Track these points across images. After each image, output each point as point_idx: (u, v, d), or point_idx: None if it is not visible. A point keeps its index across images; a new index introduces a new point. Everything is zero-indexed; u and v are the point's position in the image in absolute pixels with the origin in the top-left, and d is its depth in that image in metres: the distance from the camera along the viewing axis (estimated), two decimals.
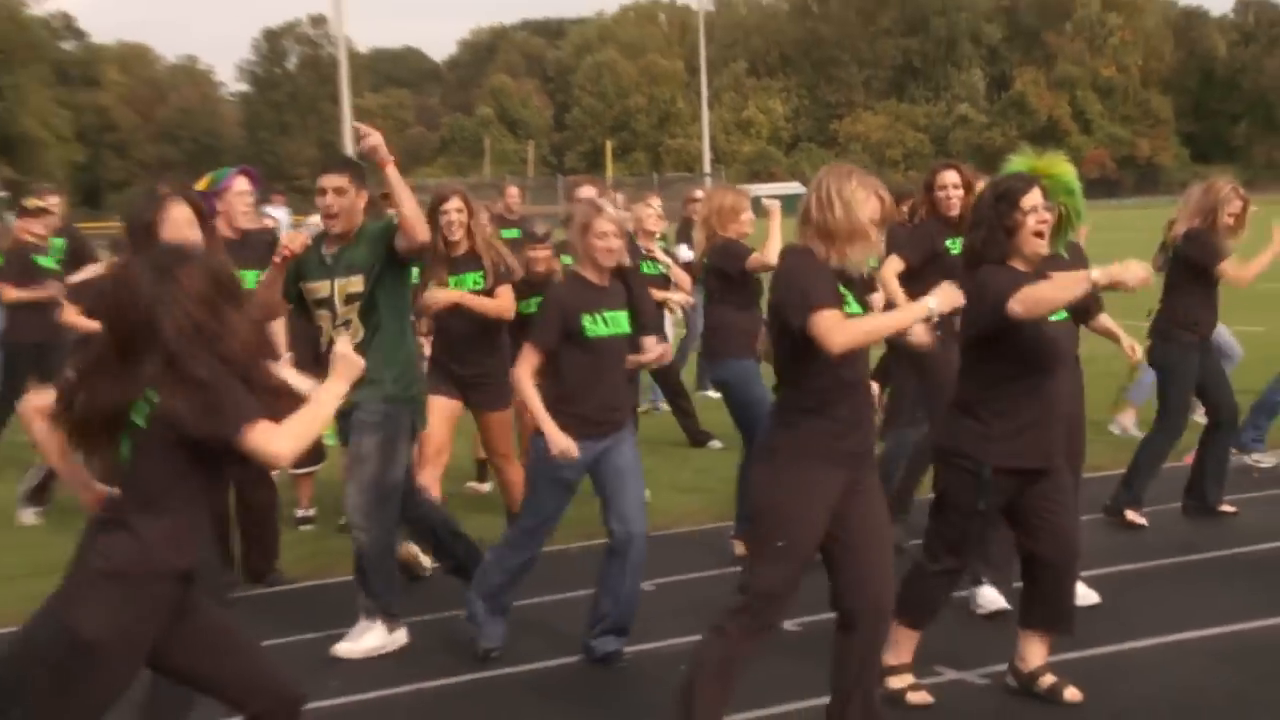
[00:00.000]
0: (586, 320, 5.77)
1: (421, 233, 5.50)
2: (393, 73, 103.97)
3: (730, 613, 4.45)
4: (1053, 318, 5.01)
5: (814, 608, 5.10)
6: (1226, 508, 7.72)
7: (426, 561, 6.91)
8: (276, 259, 6.08)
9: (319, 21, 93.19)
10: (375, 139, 5.39)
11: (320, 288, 5.71)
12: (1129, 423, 9.70)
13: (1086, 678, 5.00)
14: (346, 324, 5.71)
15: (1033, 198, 5.03)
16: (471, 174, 76.15)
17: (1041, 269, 5.27)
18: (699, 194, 11.86)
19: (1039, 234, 5.04)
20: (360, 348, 5.59)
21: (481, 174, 75.33)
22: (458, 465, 8.57)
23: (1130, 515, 7.64)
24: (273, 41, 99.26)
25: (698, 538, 7.52)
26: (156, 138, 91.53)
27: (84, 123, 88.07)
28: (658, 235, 10.14)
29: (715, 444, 9.89)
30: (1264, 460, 8.81)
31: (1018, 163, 5.76)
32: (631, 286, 6.82)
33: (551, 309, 5.93)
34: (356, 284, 5.67)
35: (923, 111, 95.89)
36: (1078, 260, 5.91)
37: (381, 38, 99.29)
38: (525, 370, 5.67)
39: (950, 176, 7.33)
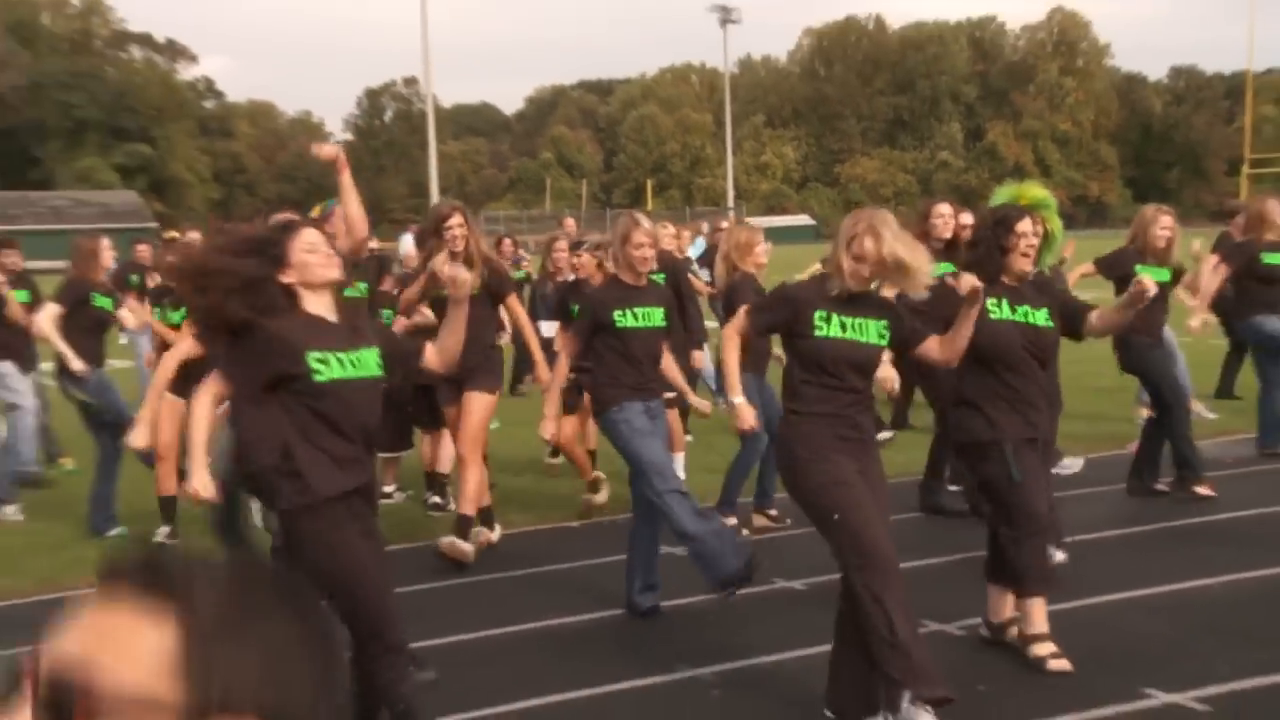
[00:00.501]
0: (617, 314, 5.83)
1: (361, 229, 5.44)
2: (471, 124, 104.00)
3: (852, 583, 4.28)
4: (1028, 320, 5.02)
5: (820, 569, 5.05)
6: (1161, 486, 7.65)
7: (494, 536, 6.81)
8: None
9: (410, 82, 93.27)
10: (332, 149, 5.33)
11: None
12: (1199, 407, 9.31)
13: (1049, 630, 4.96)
14: None
15: (1025, 225, 5.05)
16: (534, 208, 76.13)
17: (1030, 283, 5.31)
18: (724, 224, 11.88)
19: (1026, 255, 5.05)
20: None
21: (543, 208, 74.89)
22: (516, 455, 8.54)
23: (1200, 489, 7.57)
24: (372, 99, 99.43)
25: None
26: (278, 178, 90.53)
27: (220, 167, 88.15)
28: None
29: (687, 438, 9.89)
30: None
31: (1006, 188, 5.83)
32: (682, 290, 6.85)
33: (587, 307, 6.00)
34: None
35: (910, 157, 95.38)
36: (1057, 279, 5.92)
37: (461, 95, 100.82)
38: (564, 356, 5.75)
39: (944, 208, 7.51)
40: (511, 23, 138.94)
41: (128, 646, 0.84)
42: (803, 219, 77.76)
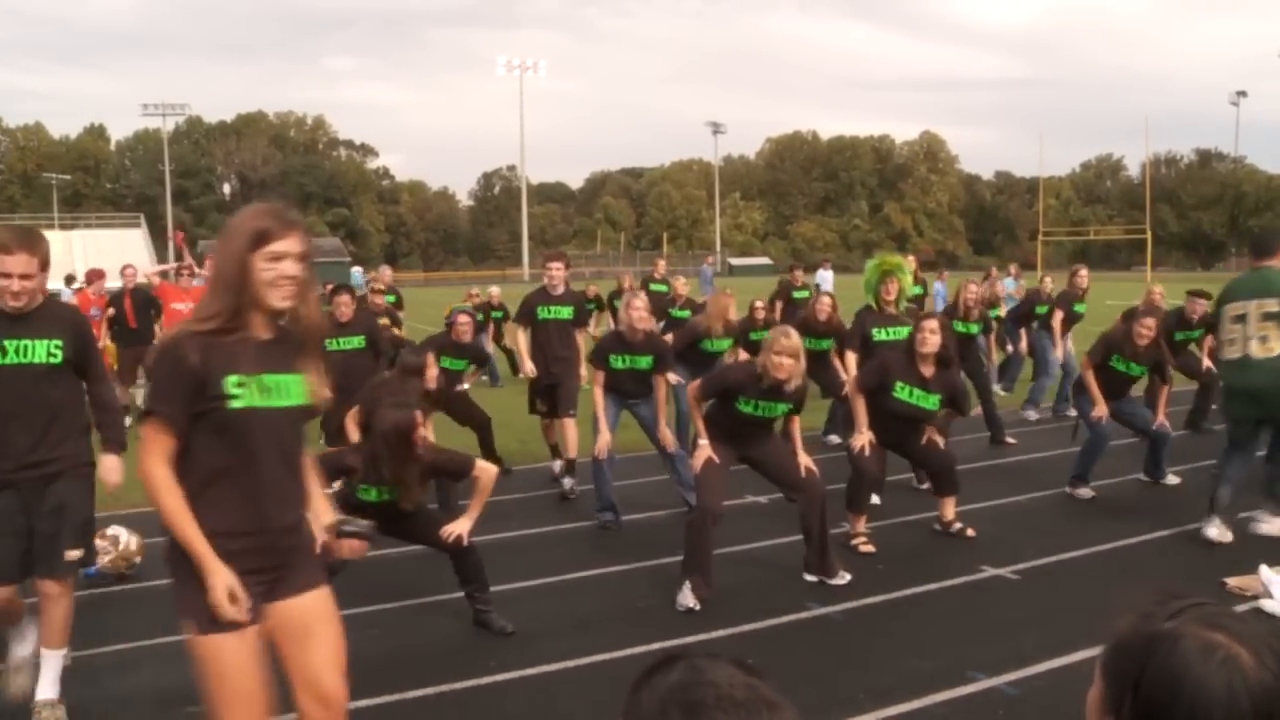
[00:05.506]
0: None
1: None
2: (550, 195, 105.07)
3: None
4: (919, 404, 5.61)
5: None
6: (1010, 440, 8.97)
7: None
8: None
9: (511, 167, 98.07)
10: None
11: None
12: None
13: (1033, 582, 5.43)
14: None
15: (932, 324, 5.73)
16: (590, 249, 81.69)
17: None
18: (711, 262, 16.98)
19: (927, 355, 5.67)
20: None
21: (595, 251, 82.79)
22: None
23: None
24: (487, 178, 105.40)
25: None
26: (426, 229, 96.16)
27: (389, 222, 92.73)
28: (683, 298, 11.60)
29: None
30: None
31: (874, 260, 6.65)
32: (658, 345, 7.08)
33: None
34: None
35: (834, 222, 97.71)
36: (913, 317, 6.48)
37: (543, 175, 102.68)
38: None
39: (827, 301, 8.07)
40: (577, 130, 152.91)
41: None
42: (764, 260, 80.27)
